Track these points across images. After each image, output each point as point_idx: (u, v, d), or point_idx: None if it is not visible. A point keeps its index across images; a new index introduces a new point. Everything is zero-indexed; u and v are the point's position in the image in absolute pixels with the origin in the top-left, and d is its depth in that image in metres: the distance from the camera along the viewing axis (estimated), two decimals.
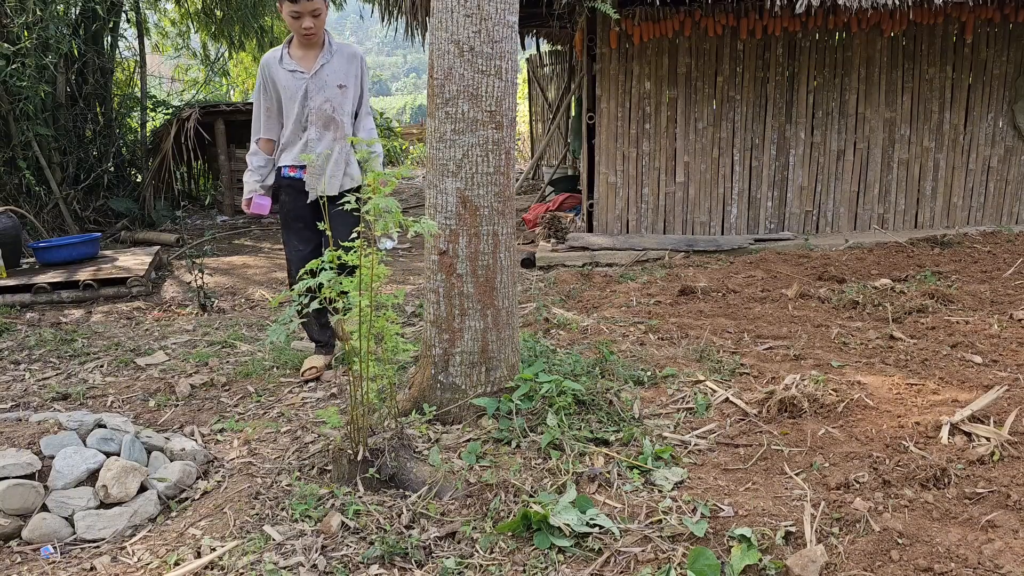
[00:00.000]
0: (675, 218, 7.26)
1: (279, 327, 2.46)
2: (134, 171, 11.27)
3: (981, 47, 6.99)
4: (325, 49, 3.53)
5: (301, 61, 3.52)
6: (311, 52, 3.53)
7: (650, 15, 6.74)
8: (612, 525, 2.21)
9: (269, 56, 3.57)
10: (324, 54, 3.52)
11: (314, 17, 3.41)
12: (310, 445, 2.95)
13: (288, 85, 3.50)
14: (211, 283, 6.46)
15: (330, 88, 3.52)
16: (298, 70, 3.50)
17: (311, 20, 3.41)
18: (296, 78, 3.50)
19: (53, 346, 4.59)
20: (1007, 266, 5.48)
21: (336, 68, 3.53)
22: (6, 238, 6.66)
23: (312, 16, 3.40)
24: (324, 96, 3.52)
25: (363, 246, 2.43)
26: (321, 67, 3.51)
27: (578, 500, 2.30)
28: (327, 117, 3.53)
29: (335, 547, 2.21)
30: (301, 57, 3.53)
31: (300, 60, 3.53)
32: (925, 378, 3.32)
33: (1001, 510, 2.22)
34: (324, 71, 3.52)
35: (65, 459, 2.53)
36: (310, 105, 3.50)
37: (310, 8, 3.39)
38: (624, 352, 3.78)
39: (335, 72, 3.52)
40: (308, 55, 3.53)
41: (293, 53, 3.55)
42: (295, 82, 3.50)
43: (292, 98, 3.51)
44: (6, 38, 8.33)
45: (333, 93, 3.53)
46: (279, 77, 3.52)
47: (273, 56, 3.56)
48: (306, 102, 3.50)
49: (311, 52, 3.53)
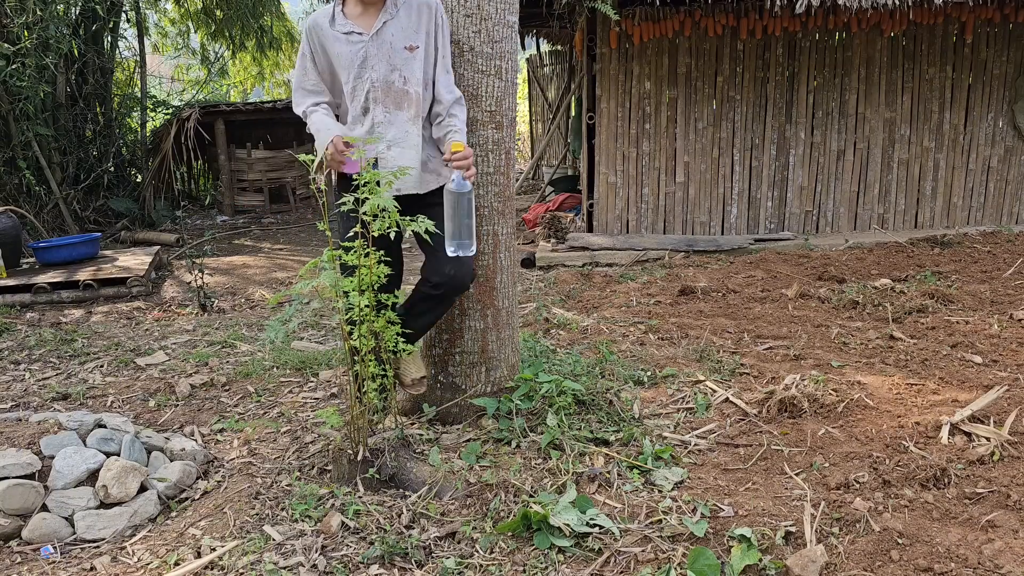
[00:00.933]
0: (675, 218, 7.26)
1: (278, 326, 2.46)
2: (134, 171, 11.27)
3: (981, 47, 6.99)
4: (389, 3, 2.73)
5: (358, 20, 2.73)
6: (370, 8, 2.73)
7: (650, 15, 6.73)
8: (612, 525, 2.21)
9: (317, 18, 2.79)
10: (388, 7, 2.72)
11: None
12: (310, 445, 2.95)
13: (342, 52, 2.72)
14: (211, 283, 6.46)
15: (397, 52, 2.71)
16: (355, 31, 2.71)
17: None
18: (352, 42, 2.71)
19: (53, 346, 4.59)
20: (1007, 266, 5.48)
21: (403, 24, 2.72)
22: (6, 238, 6.66)
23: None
24: (389, 63, 2.71)
25: (363, 246, 2.43)
26: (383, 25, 2.70)
27: (578, 500, 2.30)
28: (397, 91, 2.73)
29: (335, 547, 2.21)
30: (359, 15, 2.73)
31: (357, 19, 2.73)
32: (925, 378, 3.32)
33: (1001, 510, 2.22)
34: (387, 30, 2.71)
35: (65, 459, 2.53)
36: (372, 76, 2.71)
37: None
38: (624, 352, 3.78)
39: (402, 30, 2.72)
40: (367, 12, 2.73)
41: (348, 11, 2.75)
42: (351, 47, 2.71)
43: (348, 68, 2.73)
44: (6, 38, 8.33)
45: (401, 58, 2.71)
46: (330, 43, 2.74)
47: (322, 16, 2.78)
48: (366, 72, 2.71)
49: (370, 8, 2.73)
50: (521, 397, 2.93)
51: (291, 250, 8.73)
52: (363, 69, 2.71)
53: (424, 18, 2.73)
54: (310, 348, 4.31)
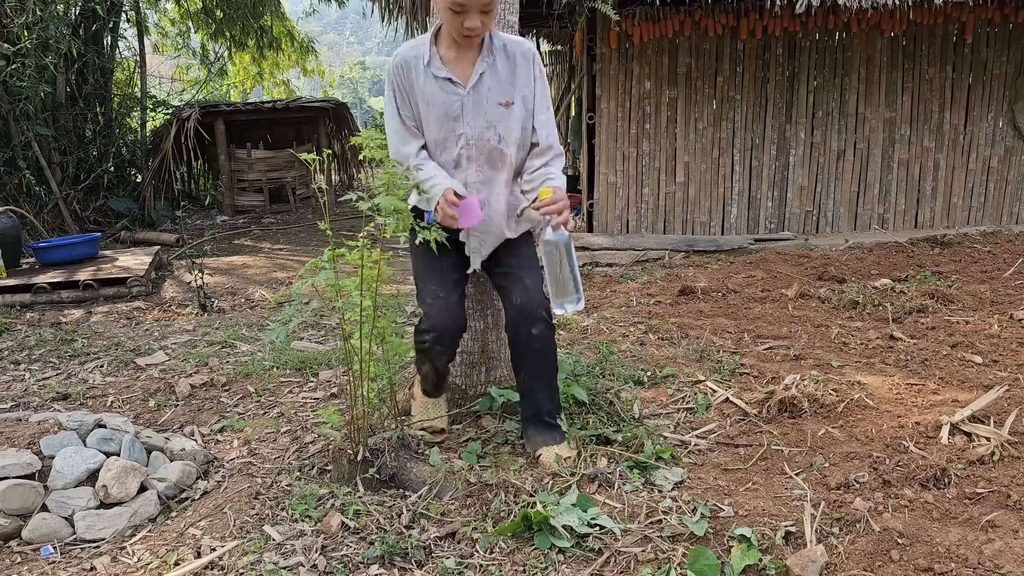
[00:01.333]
0: (675, 218, 7.26)
1: (279, 327, 2.46)
2: (134, 171, 11.28)
3: (981, 47, 6.99)
4: (485, 49, 2.45)
5: (454, 66, 2.45)
6: (467, 53, 2.45)
7: (650, 15, 6.74)
8: (613, 525, 2.21)
9: (407, 55, 2.47)
10: (484, 56, 2.44)
11: (484, 14, 2.33)
12: (310, 445, 2.95)
13: (435, 99, 2.44)
14: (211, 283, 6.46)
15: (492, 107, 2.46)
16: (451, 79, 2.44)
17: (479, 18, 2.32)
18: (447, 91, 2.44)
19: (53, 346, 4.59)
20: (1007, 266, 5.48)
21: (500, 76, 2.45)
22: (6, 238, 6.66)
23: (482, 13, 2.32)
24: (486, 119, 2.47)
25: (365, 245, 2.43)
26: (481, 77, 2.45)
27: (579, 500, 2.30)
28: (492, 151, 2.49)
29: (335, 547, 2.21)
30: (454, 59, 2.45)
31: (452, 64, 2.45)
32: (925, 378, 3.32)
33: (1001, 510, 2.22)
34: (484, 83, 2.45)
35: (65, 459, 2.53)
36: (467, 132, 2.47)
37: (480, 2, 2.30)
38: (624, 352, 3.78)
39: (498, 83, 2.45)
40: (464, 57, 2.45)
41: (443, 53, 2.46)
42: (446, 96, 2.44)
43: (441, 117, 2.47)
44: (6, 38, 8.33)
45: (497, 114, 2.47)
46: (422, 85, 2.45)
47: (414, 53, 2.47)
48: (460, 127, 2.47)
49: (467, 53, 2.45)
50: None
51: (291, 250, 8.73)
52: (456, 123, 2.47)
53: (522, 71, 2.48)
54: (310, 348, 4.31)
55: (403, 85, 2.47)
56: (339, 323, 2.54)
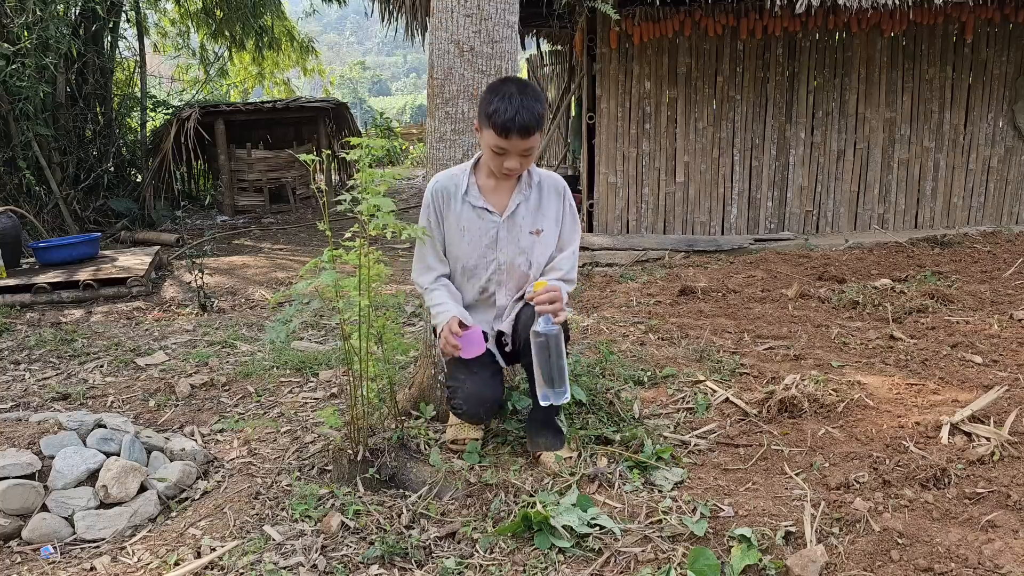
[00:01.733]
0: (675, 218, 7.26)
1: (279, 327, 2.46)
2: (134, 171, 11.28)
3: (981, 47, 6.99)
4: (523, 183, 2.59)
5: (490, 196, 2.57)
6: (504, 185, 2.59)
7: (650, 15, 6.74)
8: (613, 525, 2.21)
9: (446, 182, 2.59)
10: (522, 189, 2.58)
11: (523, 157, 2.45)
12: (310, 445, 2.95)
13: (472, 226, 2.56)
14: (211, 283, 6.46)
15: (524, 236, 2.59)
16: (487, 208, 2.56)
17: (518, 160, 2.45)
18: (484, 219, 2.56)
19: (53, 346, 4.59)
20: (1007, 266, 5.48)
21: (533, 207, 2.59)
22: (6, 238, 6.66)
23: (521, 156, 2.44)
24: (518, 246, 2.59)
25: (363, 245, 2.43)
26: (517, 208, 2.58)
27: (580, 500, 2.30)
28: (520, 275, 2.62)
29: (335, 547, 2.21)
30: (491, 190, 2.58)
31: (491, 195, 2.58)
32: (925, 378, 3.32)
33: (1001, 510, 2.22)
34: (519, 212, 2.58)
35: (65, 459, 2.53)
36: (499, 258, 2.58)
37: (522, 147, 2.41)
38: (624, 352, 3.78)
39: (531, 213, 2.59)
40: (501, 188, 2.58)
41: (481, 183, 2.58)
42: (481, 224, 2.56)
43: (474, 243, 2.58)
44: (6, 38, 8.33)
45: (528, 242, 2.59)
46: (457, 212, 2.57)
47: (453, 182, 2.59)
48: (493, 253, 2.58)
49: (504, 185, 2.59)
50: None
51: (291, 250, 8.73)
52: (490, 249, 2.58)
53: (553, 203, 2.62)
54: (310, 348, 4.31)
55: (439, 210, 2.60)
56: (339, 323, 2.54)
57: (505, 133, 2.35)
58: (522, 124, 2.34)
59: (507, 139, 2.37)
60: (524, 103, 2.34)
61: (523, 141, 2.38)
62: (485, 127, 2.42)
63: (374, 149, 2.45)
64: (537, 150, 2.48)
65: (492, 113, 2.36)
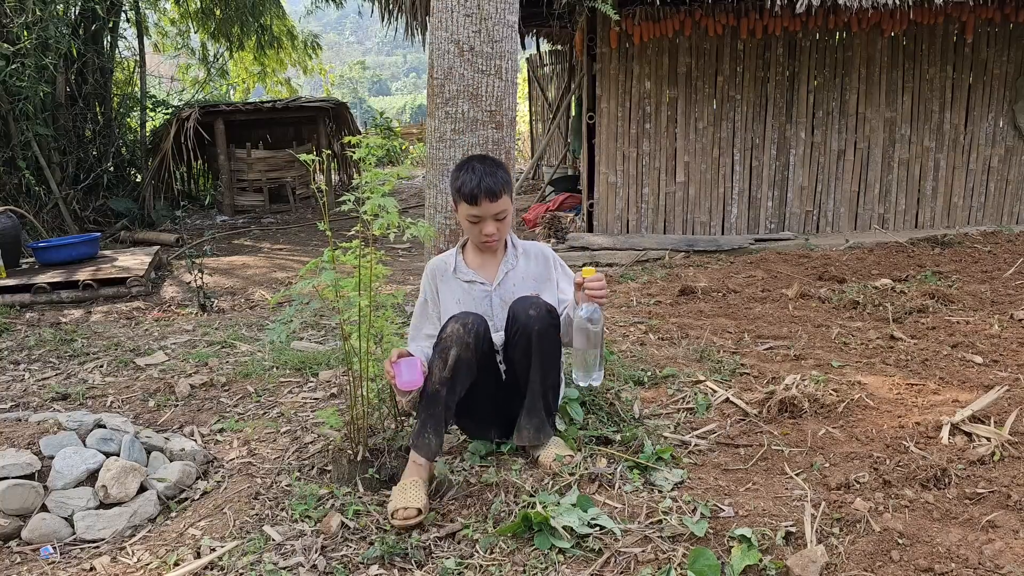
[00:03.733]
0: (675, 218, 7.25)
1: (279, 327, 2.46)
2: (134, 171, 11.28)
3: (981, 47, 6.99)
4: (508, 252, 2.79)
5: (480, 270, 2.76)
6: (492, 259, 2.78)
7: (650, 15, 6.73)
8: (613, 525, 2.21)
9: (437, 263, 2.81)
10: (507, 259, 2.77)
11: (498, 221, 2.64)
12: (310, 445, 2.95)
13: (465, 298, 2.73)
14: (211, 283, 6.46)
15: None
16: (477, 280, 2.74)
17: (494, 225, 2.63)
18: (475, 290, 2.74)
19: (53, 346, 4.59)
20: (1007, 266, 5.48)
21: (522, 274, 2.77)
22: (6, 238, 6.66)
23: (496, 220, 2.63)
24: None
25: (361, 246, 2.43)
26: (506, 276, 2.75)
27: (580, 500, 2.30)
28: None
29: (335, 547, 2.21)
30: (480, 265, 2.77)
31: (479, 269, 2.77)
32: (925, 378, 3.31)
33: (1001, 510, 2.22)
34: (510, 280, 2.76)
35: (65, 459, 2.53)
36: (495, 324, 2.72)
37: (494, 211, 2.60)
38: (624, 352, 3.78)
39: (522, 279, 2.76)
40: (488, 261, 2.78)
41: (469, 260, 2.79)
42: (473, 294, 2.74)
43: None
44: (6, 38, 8.33)
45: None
46: (450, 289, 2.76)
47: (442, 263, 2.80)
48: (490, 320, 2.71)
49: (492, 259, 2.78)
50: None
51: (291, 250, 8.73)
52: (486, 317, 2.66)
53: (541, 267, 2.79)
54: (310, 348, 4.31)
55: (436, 285, 2.79)
56: (339, 323, 2.54)
57: (474, 200, 2.56)
58: (487, 188, 2.54)
59: (477, 205, 2.57)
60: (486, 170, 2.57)
61: (492, 204, 2.57)
62: (458, 201, 2.62)
63: (374, 149, 2.45)
64: (511, 214, 2.67)
65: (460, 186, 2.58)
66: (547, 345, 2.54)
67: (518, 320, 2.53)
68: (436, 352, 2.50)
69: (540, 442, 2.60)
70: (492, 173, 2.57)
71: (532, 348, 2.53)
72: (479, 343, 2.51)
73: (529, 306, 2.53)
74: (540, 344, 2.52)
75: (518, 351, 2.56)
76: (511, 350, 2.59)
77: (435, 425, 2.45)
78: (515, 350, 2.57)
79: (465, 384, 2.52)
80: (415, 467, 2.43)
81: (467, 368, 2.49)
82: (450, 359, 2.46)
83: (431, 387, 2.46)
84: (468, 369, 2.50)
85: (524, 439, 2.61)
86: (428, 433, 2.44)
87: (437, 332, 2.64)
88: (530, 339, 2.51)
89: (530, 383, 2.59)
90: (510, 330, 2.57)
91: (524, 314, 2.52)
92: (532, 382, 2.59)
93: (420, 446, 2.44)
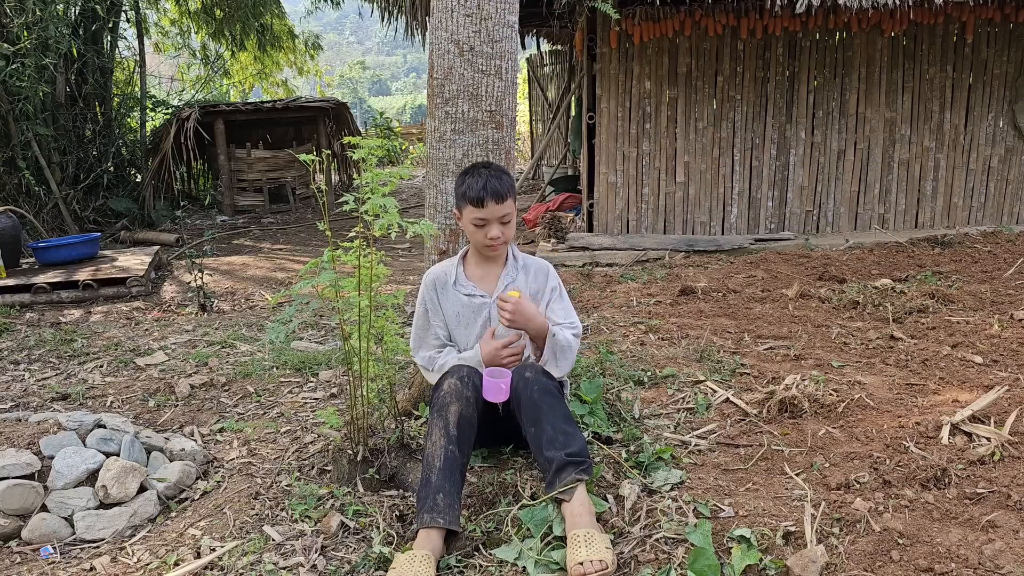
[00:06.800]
0: (675, 218, 7.25)
1: (279, 327, 2.46)
2: (134, 171, 11.28)
3: (981, 47, 6.99)
4: (509, 264, 2.75)
5: (480, 282, 2.73)
6: (492, 269, 2.74)
7: (650, 15, 6.73)
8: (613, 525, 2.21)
9: (437, 273, 2.77)
10: (508, 271, 2.74)
11: (503, 225, 2.61)
12: (310, 445, 2.95)
13: (465, 311, 2.71)
14: (211, 283, 6.46)
15: None
16: (476, 293, 2.70)
17: (499, 228, 2.60)
18: (474, 303, 2.70)
19: (53, 346, 4.59)
20: (1007, 266, 5.48)
21: (522, 288, 2.73)
22: (6, 238, 6.66)
23: (501, 224, 2.60)
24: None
25: (361, 245, 2.43)
26: (505, 288, 2.71)
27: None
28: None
29: (335, 547, 2.21)
30: (481, 277, 2.74)
31: (480, 280, 2.73)
32: (925, 378, 3.31)
33: (1002, 510, 2.22)
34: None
35: (65, 459, 2.53)
36: (498, 333, 2.69)
37: (499, 214, 2.57)
38: (624, 352, 3.78)
39: (523, 293, 2.71)
40: (489, 273, 2.74)
41: (470, 272, 2.75)
42: (473, 306, 2.70)
43: (469, 325, 2.72)
44: (6, 38, 8.33)
45: None
46: (450, 301, 2.73)
47: (442, 274, 2.75)
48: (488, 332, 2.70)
49: (492, 269, 2.74)
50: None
51: (291, 250, 8.73)
52: (485, 329, 2.69)
53: (541, 280, 2.78)
54: (310, 348, 4.31)
55: (433, 299, 2.76)
56: (339, 323, 2.54)
57: (480, 202, 2.55)
58: (493, 190, 2.55)
59: (483, 207, 2.56)
60: (491, 174, 2.58)
61: (498, 207, 2.56)
62: (463, 206, 2.61)
63: (375, 150, 2.45)
64: (514, 218, 2.66)
65: (466, 190, 2.59)
66: (549, 399, 2.41)
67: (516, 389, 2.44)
68: (435, 411, 2.39)
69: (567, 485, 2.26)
70: (497, 177, 2.59)
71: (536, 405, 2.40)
72: (478, 395, 2.45)
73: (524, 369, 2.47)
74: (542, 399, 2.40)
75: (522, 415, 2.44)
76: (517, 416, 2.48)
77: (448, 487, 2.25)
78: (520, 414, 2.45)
79: (470, 441, 2.40)
80: (425, 538, 2.15)
81: (469, 424, 2.38)
82: (451, 416, 2.36)
83: (434, 448, 2.32)
84: (470, 425, 2.40)
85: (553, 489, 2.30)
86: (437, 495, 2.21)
87: (443, 337, 2.71)
88: (532, 399, 2.40)
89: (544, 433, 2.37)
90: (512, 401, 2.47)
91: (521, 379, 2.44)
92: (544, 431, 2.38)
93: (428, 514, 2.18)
